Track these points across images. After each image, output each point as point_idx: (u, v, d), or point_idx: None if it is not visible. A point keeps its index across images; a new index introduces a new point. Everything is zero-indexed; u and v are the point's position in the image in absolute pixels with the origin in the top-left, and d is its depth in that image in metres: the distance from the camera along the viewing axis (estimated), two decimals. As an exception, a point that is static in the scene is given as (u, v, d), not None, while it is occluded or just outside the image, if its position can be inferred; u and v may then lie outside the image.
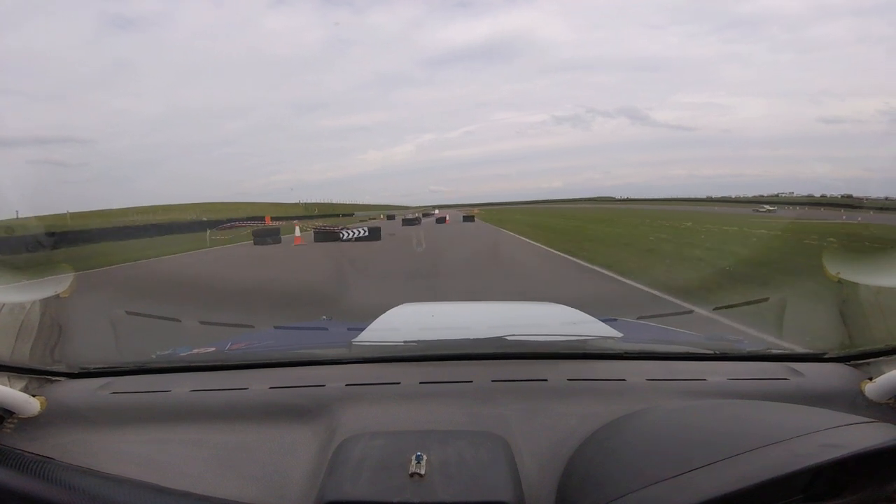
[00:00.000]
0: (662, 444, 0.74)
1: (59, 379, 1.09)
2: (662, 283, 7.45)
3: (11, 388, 0.94)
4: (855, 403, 0.90)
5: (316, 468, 0.80)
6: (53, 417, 0.95)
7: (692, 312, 1.73)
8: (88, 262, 12.55)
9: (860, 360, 1.03)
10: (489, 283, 8.28)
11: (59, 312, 1.14)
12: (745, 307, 1.67)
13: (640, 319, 1.78)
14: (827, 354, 1.09)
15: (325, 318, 2.32)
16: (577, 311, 1.66)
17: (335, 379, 1.05)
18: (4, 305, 1.06)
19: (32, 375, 1.04)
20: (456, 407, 0.94)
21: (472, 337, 1.23)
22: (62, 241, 17.77)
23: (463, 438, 0.81)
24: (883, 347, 1.00)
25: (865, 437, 0.66)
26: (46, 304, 1.12)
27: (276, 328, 1.96)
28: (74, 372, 1.13)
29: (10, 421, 0.92)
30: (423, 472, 0.72)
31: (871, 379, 0.93)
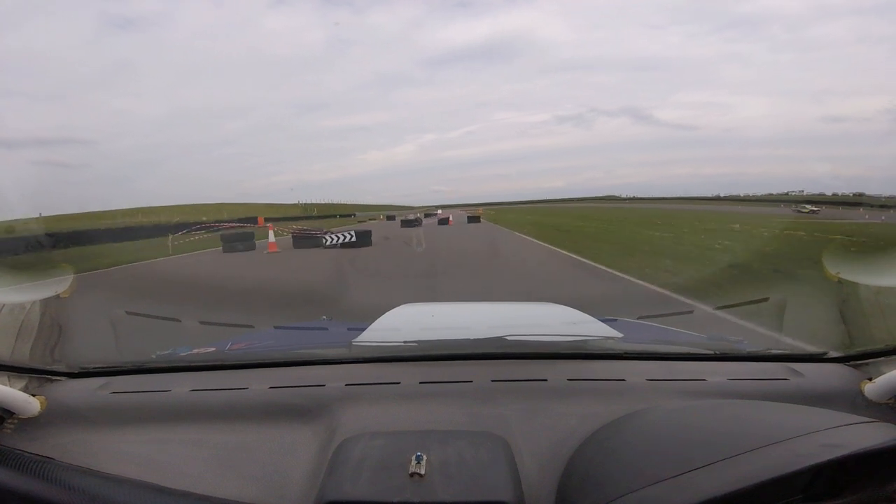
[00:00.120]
0: (662, 444, 0.73)
1: (58, 379, 1.09)
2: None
3: (11, 387, 0.94)
4: (855, 403, 0.90)
5: (316, 468, 0.80)
6: (53, 417, 0.95)
7: (692, 312, 1.73)
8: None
9: (860, 360, 1.03)
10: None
11: (59, 312, 1.14)
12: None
13: (640, 319, 1.78)
14: (827, 355, 1.09)
15: (325, 318, 2.32)
16: (577, 311, 1.65)
17: (335, 379, 1.05)
18: (4, 305, 1.06)
19: (32, 375, 1.04)
20: (456, 407, 0.94)
21: (472, 337, 1.22)
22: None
23: (463, 438, 0.81)
24: (883, 347, 1.00)
25: (865, 437, 0.66)
26: (46, 304, 1.12)
27: (276, 328, 1.96)
28: (74, 372, 1.13)
29: (10, 421, 0.92)
30: (423, 472, 0.72)
31: (870, 379, 0.93)
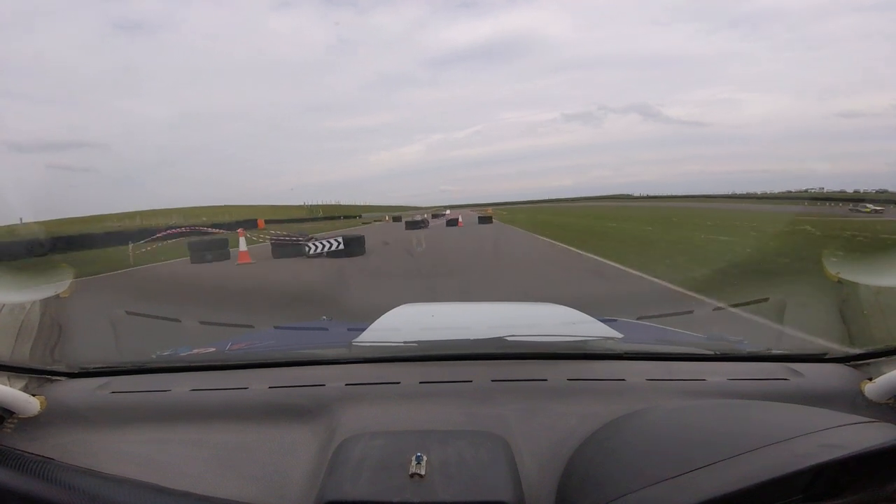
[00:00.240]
0: (662, 444, 0.73)
1: (58, 379, 1.09)
2: None
3: (11, 387, 0.94)
4: (855, 403, 0.90)
5: (316, 468, 0.80)
6: (53, 417, 0.95)
7: (692, 312, 1.73)
8: None
9: (860, 360, 1.03)
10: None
11: (59, 312, 1.14)
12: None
13: (640, 320, 1.78)
14: (827, 355, 1.09)
15: (325, 318, 2.33)
16: (576, 311, 1.65)
17: (335, 379, 1.05)
18: (4, 305, 1.06)
19: (32, 375, 1.04)
20: (456, 407, 0.94)
21: (471, 337, 1.22)
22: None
23: (463, 438, 0.81)
24: (883, 347, 1.00)
25: (865, 437, 0.66)
26: (46, 304, 1.12)
27: (276, 328, 1.96)
28: (74, 372, 1.13)
29: (10, 421, 0.92)
30: (423, 472, 0.72)
31: (870, 379, 0.93)
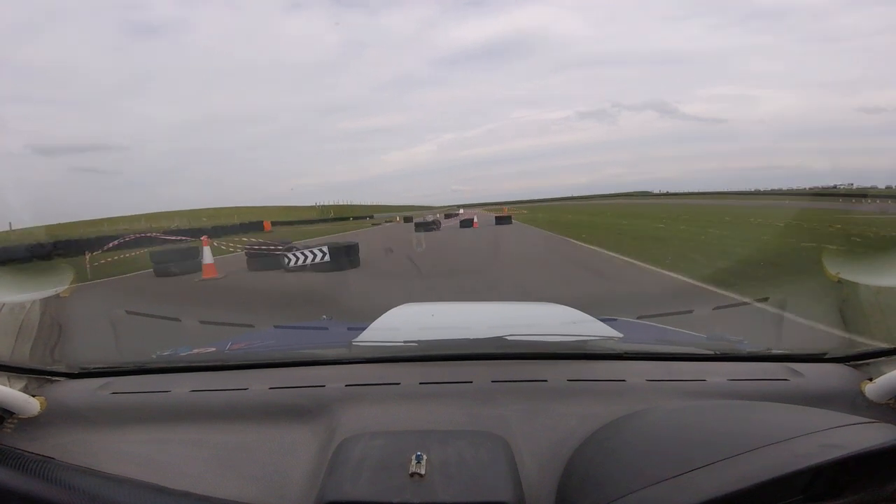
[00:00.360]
0: (662, 444, 0.73)
1: (58, 379, 1.09)
2: None
3: (11, 388, 0.94)
4: (855, 404, 0.90)
5: (316, 468, 0.80)
6: (53, 417, 0.95)
7: (692, 312, 1.72)
8: None
9: (860, 360, 1.03)
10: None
11: (59, 312, 1.15)
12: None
13: (640, 319, 1.78)
14: (827, 355, 1.09)
15: (325, 317, 2.33)
16: (577, 311, 1.65)
17: (335, 379, 1.05)
18: (4, 305, 1.06)
19: (32, 375, 1.04)
20: (456, 407, 0.94)
21: (472, 337, 1.22)
22: None
23: (463, 438, 0.81)
24: (883, 347, 1.00)
25: (865, 437, 0.66)
26: (46, 304, 1.12)
27: (276, 328, 1.96)
28: (74, 372, 1.13)
29: (10, 421, 0.92)
30: (423, 472, 0.72)
31: (870, 379, 0.93)
